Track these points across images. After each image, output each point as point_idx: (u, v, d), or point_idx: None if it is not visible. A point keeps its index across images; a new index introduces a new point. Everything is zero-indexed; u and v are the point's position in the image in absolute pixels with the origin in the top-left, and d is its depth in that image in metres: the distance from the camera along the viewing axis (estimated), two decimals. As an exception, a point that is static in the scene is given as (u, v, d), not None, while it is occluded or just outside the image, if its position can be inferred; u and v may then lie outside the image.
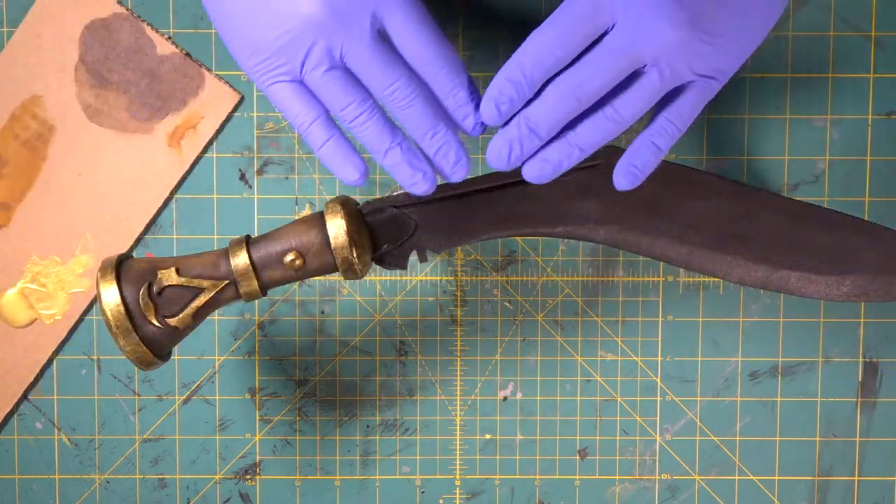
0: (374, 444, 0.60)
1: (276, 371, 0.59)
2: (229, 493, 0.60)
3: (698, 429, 0.59)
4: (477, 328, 0.59)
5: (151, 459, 0.59)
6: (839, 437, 0.59)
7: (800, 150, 0.58)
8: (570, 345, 0.59)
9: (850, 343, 0.59)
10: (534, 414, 0.59)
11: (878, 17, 0.58)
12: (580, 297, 0.59)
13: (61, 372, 0.59)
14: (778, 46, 0.58)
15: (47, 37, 0.57)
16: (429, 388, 0.59)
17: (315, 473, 0.60)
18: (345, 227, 0.48)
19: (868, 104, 0.58)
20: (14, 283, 0.59)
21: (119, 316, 0.48)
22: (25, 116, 0.58)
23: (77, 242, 0.58)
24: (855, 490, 0.60)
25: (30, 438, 0.59)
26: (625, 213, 0.51)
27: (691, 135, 0.58)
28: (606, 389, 0.59)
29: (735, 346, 0.59)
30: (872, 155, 0.58)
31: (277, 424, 0.59)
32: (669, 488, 0.60)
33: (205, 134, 0.58)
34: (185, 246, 0.59)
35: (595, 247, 0.59)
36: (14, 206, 0.58)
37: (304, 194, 0.59)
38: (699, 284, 0.59)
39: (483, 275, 0.59)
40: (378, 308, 0.59)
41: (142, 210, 0.58)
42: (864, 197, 0.58)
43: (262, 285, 0.49)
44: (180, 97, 0.58)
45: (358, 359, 0.59)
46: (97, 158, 0.58)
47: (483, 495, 0.60)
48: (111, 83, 0.58)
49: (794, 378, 0.59)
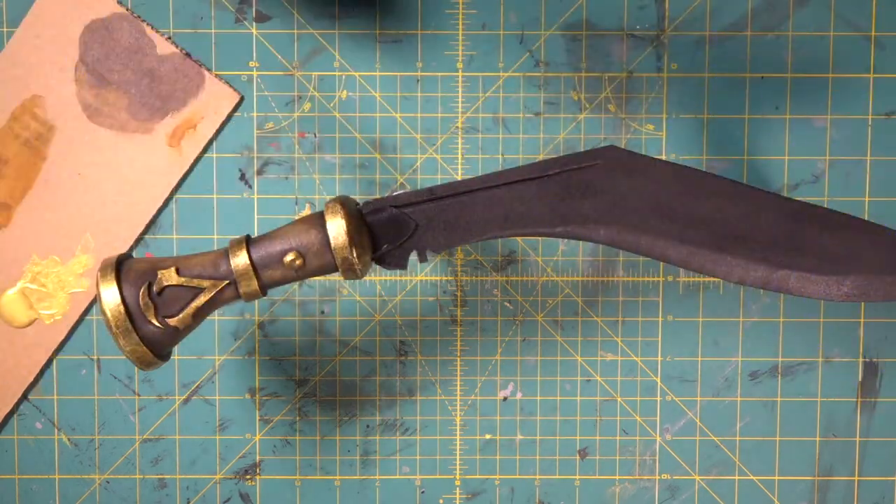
0: (374, 444, 0.60)
1: (276, 371, 0.59)
2: (229, 493, 0.60)
3: (698, 429, 0.59)
4: (477, 328, 0.59)
5: (151, 459, 0.59)
6: (839, 437, 0.59)
7: (800, 150, 0.58)
8: (570, 345, 0.59)
9: (850, 343, 0.59)
10: (534, 414, 0.59)
11: (878, 17, 0.58)
12: (580, 297, 0.59)
13: (61, 372, 0.59)
14: (778, 46, 0.58)
15: (47, 37, 0.57)
16: (429, 388, 0.59)
17: (315, 473, 0.60)
18: (345, 227, 0.48)
19: (868, 104, 0.58)
20: (14, 283, 0.59)
21: (119, 316, 0.48)
22: (25, 116, 0.58)
23: (77, 242, 0.58)
24: (855, 490, 0.60)
25: (30, 438, 0.59)
26: (625, 213, 0.51)
27: (691, 135, 0.58)
28: (606, 389, 0.59)
29: (735, 346, 0.59)
30: (872, 155, 0.58)
31: (277, 424, 0.59)
32: (669, 488, 0.60)
33: (205, 134, 0.58)
34: (185, 246, 0.59)
35: (595, 247, 0.59)
36: (14, 206, 0.58)
37: (304, 194, 0.59)
38: (699, 284, 0.59)
39: (483, 275, 0.59)
40: (378, 308, 0.59)
41: (142, 210, 0.58)
42: (864, 197, 0.58)
43: (262, 285, 0.49)
44: (180, 97, 0.58)
45: (358, 359, 0.59)
46: (97, 158, 0.58)
47: (483, 495, 0.60)
48: (111, 83, 0.58)
49: (794, 378, 0.59)
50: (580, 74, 0.58)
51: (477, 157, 0.58)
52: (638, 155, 0.51)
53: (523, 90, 0.58)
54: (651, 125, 0.58)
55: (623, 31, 0.58)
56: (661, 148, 0.58)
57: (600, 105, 0.58)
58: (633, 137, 0.59)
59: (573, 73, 0.58)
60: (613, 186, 0.51)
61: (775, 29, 0.58)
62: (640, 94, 0.58)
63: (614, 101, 0.58)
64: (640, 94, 0.58)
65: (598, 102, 0.58)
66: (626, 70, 0.58)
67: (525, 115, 0.58)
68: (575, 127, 0.58)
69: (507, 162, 0.58)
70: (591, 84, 0.58)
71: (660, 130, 0.58)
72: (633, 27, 0.58)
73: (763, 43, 0.58)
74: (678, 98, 0.58)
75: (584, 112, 0.58)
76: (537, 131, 0.58)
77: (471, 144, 0.58)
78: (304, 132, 0.58)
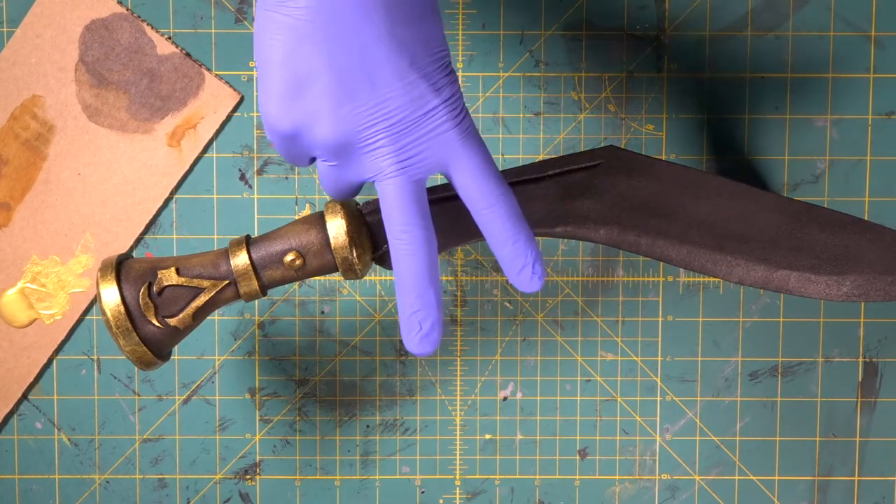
0: (374, 444, 0.60)
1: (276, 371, 0.59)
2: (229, 493, 0.60)
3: (698, 429, 0.59)
4: (477, 328, 0.59)
5: (151, 459, 0.59)
6: (839, 437, 0.59)
7: (800, 150, 0.58)
8: (570, 345, 0.59)
9: (850, 343, 0.59)
10: (534, 414, 0.59)
11: (878, 17, 0.58)
12: (580, 297, 0.59)
13: (61, 372, 0.59)
14: (778, 46, 0.58)
15: (47, 37, 0.57)
16: (429, 388, 0.59)
17: (315, 473, 0.60)
18: (345, 227, 0.48)
19: (868, 104, 0.58)
20: (14, 283, 0.59)
21: (119, 316, 0.48)
22: (25, 116, 0.58)
23: (77, 242, 0.58)
24: (855, 490, 0.60)
25: (30, 438, 0.59)
26: (625, 213, 0.51)
27: (691, 135, 0.58)
28: (606, 389, 0.59)
29: (735, 346, 0.59)
30: (872, 155, 0.58)
31: (277, 424, 0.59)
32: (669, 488, 0.60)
33: (205, 134, 0.58)
34: (185, 246, 0.59)
35: (595, 247, 0.59)
36: (14, 206, 0.58)
37: (304, 194, 0.59)
38: (699, 284, 0.59)
39: (483, 275, 0.59)
40: (378, 308, 0.59)
41: (142, 210, 0.58)
42: (864, 197, 0.58)
43: (262, 285, 0.49)
44: (180, 97, 0.58)
45: (358, 359, 0.59)
46: (97, 158, 0.58)
47: (483, 495, 0.60)
48: (111, 83, 0.58)
49: (794, 378, 0.59)
50: (580, 74, 0.58)
51: (477, 157, 0.58)
52: (638, 155, 0.51)
53: (523, 90, 0.58)
54: (651, 125, 0.58)
55: (623, 31, 0.58)
56: (661, 148, 0.58)
57: (600, 105, 0.58)
58: (633, 137, 0.59)
59: (573, 73, 0.58)
60: (613, 186, 0.51)
61: (775, 29, 0.58)
62: (640, 94, 0.58)
63: (614, 101, 0.58)
64: (640, 94, 0.58)
65: (598, 102, 0.58)
66: (626, 70, 0.58)
67: (525, 115, 0.58)
68: (575, 127, 0.58)
69: (507, 162, 0.58)
70: (591, 84, 0.58)
71: (660, 130, 0.58)
72: (633, 27, 0.58)
73: (763, 43, 0.58)
74: (678, 98, 0.58)
75: (584, 112, 0.58)
76: (537, 131, 0.58)
77: (471, 144, 0.58)
78: (304, 132, 0.58)
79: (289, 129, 0.42)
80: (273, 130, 0.43)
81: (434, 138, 0.42)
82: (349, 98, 0.41)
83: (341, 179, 0.44)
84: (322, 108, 0.41)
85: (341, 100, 0.41)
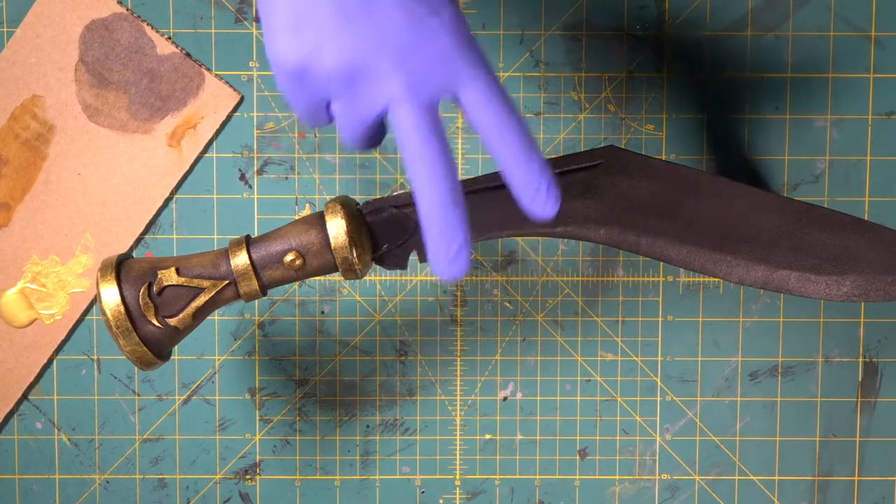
0: (374, 444, 0.60)
1: (276, 371, 0.59)
2: (229, 493, 0.60)
3: (698, 429, 0.59)
4: (477, 328, 0.59)
5: (151, 459, 0.59)
6: (839, 437, 0.59)
7: (800, 150, 0.58)
8: (570, 345, 0.59)
9: (850, 343, 0.59)
10: (534, 414, 0.59)
11: (878, 17, 0.58)
12: (580, 297, 0.59)
13: (61, 372, 0.59)
14: (778, 46, 0.58)
15: (47, 37, 0.57)
16: (429, 388, 0.59)
17: (315, 473, 0.60)
18: (345, 228, 0.48)
19: (868, 104, 0.58)
20: (14, 283, 0.59)
21: (119, 316, 0.48)
22: (25, 116, 0.58)
23: (77, 242, 0.58)
24: (855, 490, 0.60)
25: (30, 438, 0.59)
26: (625, 213, 0.51)
27: (691, 135, 0.58)
28: (606, 389, 0.59)
29: (735, 346, 0.59)
30: (872, 155, 0.58)
31: (277, 424, 0.59)
32: (669, 488, 0.60)
33: (205, 134, 0.58)
34: (185, 246, 0.59)
35: (595, 247, 0.59)
36: (14, 206, 0.58)
37: (304, 194, 0.59)
38: (699, 284, 0.59)
39: (483, 275, 0.59)
40: (378, 308, 0.59)
41: (142, 210, 0.58)
42: (864, 197, 0.58)
43: (262, 285, 0.49)
44: (180, 97, 0.58)
45: (358, 359, 0.59)
46: (97, 158, 0.58)
47: (483, 495, 0.60)
48: (111, 83, 0.58)
49: (794, 378, 0.59)
50: (580, 74, 0.58)
51: (477, 157, 0.58)
52: (638, 155, 0.51)
53: (523, 90, 0.58)
54: (651, 125, 0.58)
55: (623, 31, 0.58)
56: (661, 148, 0.58)
57: (600, 105, 0.58)
58: (633, 137, 0.59)
59: (573, 73, 0.58)
60: (613, 186, 0.51)
61: (775, 29, 0.58)
62: (640, 94, 0.58)
63: (614, 101, 0.58)
64: (640, 94, 0.58)
65: (598, 102, 0.58)
66: (626, 70, 0.58)
67: (525, 115, 0.58)
68: (575, 127, 0.58)
69: (507, 162, 0.58)
70: (591, 84, 0.58)
71: (660, 130, 0.58)
72: (633, 27, 0.58)
73: (763, 43, 0.58)
74: (678, 98, 0.58)
75: (584, 112, 0.58)
76: (537, 131, 0.58)
77: (471, 144, 0.58)
78: (304, 132, 0.58)
79: (296, 62, 0.42)
80: (282, 69, 0.43)
81: (438, 60, 0.42)
82: (350, 21, 0.41)
83: (357, 118, 0.44)
84: (325, 35, 0.42)
85: (343, 24, 0.41)
